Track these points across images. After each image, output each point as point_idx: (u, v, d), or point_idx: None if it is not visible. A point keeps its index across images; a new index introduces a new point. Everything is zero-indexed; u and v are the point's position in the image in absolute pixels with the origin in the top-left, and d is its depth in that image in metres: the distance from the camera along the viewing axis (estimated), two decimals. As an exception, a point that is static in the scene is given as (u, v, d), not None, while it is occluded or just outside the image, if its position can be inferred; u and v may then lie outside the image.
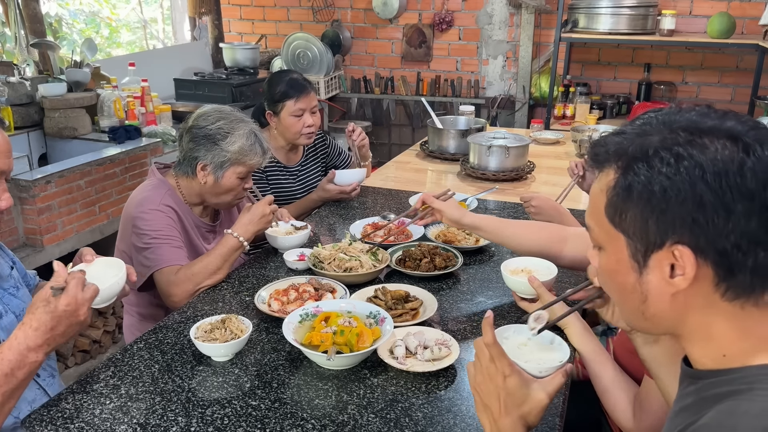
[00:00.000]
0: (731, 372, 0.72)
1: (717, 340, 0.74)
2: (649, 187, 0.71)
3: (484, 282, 1.78)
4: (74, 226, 3.06)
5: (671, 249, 0.71)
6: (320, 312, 1.47)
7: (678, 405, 0.78)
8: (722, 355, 0.74)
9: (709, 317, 0.73)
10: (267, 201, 1.87)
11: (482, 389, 0.97)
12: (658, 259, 0.73)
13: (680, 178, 0.69)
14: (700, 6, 4.31)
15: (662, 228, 0.71)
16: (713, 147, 0.69)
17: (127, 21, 6.20)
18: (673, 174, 0.69)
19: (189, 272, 1.71)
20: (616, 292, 0.82)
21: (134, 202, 1.82)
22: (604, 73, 4.70)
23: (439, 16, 4.89)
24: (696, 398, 0.74)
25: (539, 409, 0.95)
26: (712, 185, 0.68)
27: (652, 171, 0.70)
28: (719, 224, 0.68)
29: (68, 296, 1.16)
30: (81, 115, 3.53)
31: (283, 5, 5.30)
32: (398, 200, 2.46)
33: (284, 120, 2.38)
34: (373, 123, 5.27)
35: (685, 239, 0.70)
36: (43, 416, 1.21)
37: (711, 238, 0.69)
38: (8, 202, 1.30)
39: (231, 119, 1.85)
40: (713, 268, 0.70)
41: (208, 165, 1.82)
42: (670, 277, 0.72)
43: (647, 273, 0.74)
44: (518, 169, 2.79)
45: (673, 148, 0.70)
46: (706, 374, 0.75)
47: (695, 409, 0.72)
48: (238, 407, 1.24)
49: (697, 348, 0.76)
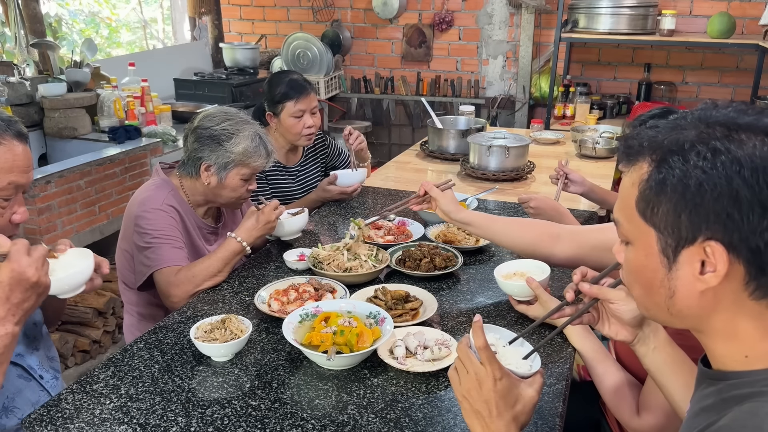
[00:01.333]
0: (753, 374, 0.71)
1: (741, 339, 0.73)
2: (684, 181, 0.69)
3: (484, 282, 1.78)
4: (74, 226, 3.06)
5: (703, 245, 0.70)
6: (320, 312, 1.47)
7: (697, 405, 0.77)
8: (744, 356, 0.73)
9: (735, 316, 0.72)
10: (273, 206, 1.86)
11: (471, 395, 0.97)
12: (689, 254, 0.72)
13: (717, 172, 0.68)
14: (700, 6, 4.31)
15: (695, 223, 0.70)
16: (751, 143, 0.68)
17: (127, 21, 6.21)
18: (709, 168, 0.68)
19: (189, 273, 1.71)
20: (642, 288, 0.80)
21: (137, 201, 1.82)
22: (604, 73, 4.71)
23: (439, 16, 4.89)
24: (716, 399, 0.73)
25: (530, 407, 0.97)
26: (749, 181, 0.67)
27: (687, 165, 0.69)
28: (754, 221, 0.67)
29: (11, 261, 1.12)
30: (81, 115, 3.53)
31: (283, 5, 5.30)
32: (398, 200, 2.45)
33: (284, 121, 2.38)
34: (373, 123, 5.27)
35: (719, 235, 0.69)
36: (43, 416, 1.21)
37: (745, 235, 0.68)
38: (23, 216, 1.31)
39: (236, 120, 1.85)
40: (745, 265, 0.69)
41: (212, 166, 1.82)
42: (701, 274, 0.71)
43: (677, 269, 0.73)
44: (518, 169, 2.79)
45: (710, 143, 0.69)
46: (727, 375, 0.74)
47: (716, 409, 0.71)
48: (238, 407, 1.24)
49: (719, 346, 0.75)
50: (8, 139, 1.24)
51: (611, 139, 3.25)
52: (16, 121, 1.28)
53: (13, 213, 1.29)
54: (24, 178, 1.28)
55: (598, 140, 3.21)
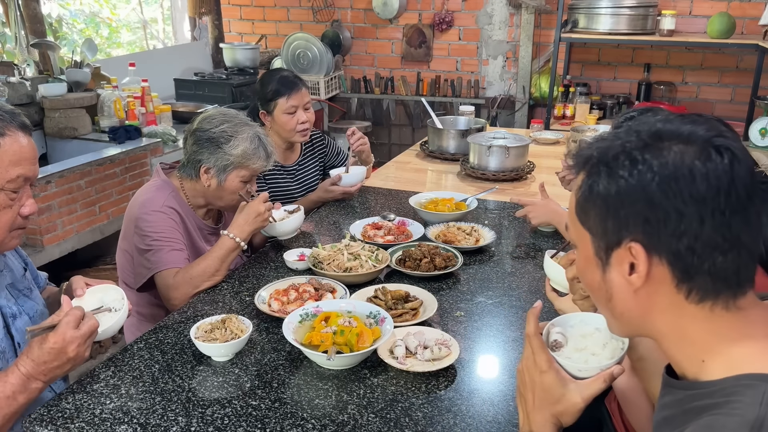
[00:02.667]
0: (710, 385, 0.72)
1: (692, 342, 0.75)
2: (608, 189, 0.74)
3: (484, 282, 1.78)
4: (74, 226, 3.06)
5: (628, 246, 0.74)
6: (320, 312, 1.47)
7: (660, 414, 0.79)
8: (701, 360, 0.74)
9: (679, 319, 0.75)
10: (261, 199, 1.84)
11: (523, 379, 0.97)
12: (618, 256, 0.76)
13: (633, 180, 0.72)
14: (700, 6, 4.31)
15: (618, 227, 0.74)
16: (668, 152, 0.72)
17: (127, 21, 6.20)
18: (627, 176, 0.73)
19: (187, 275, 1.71)
20: (589, 290, 0.85)
21: (137, 203, 1.82)
22: (604, 73, 4.70)
23: (439, 16, 4.89)
24: (677, 410, 0.75)
25: (573, 412, 0.92)
26: (663, 187, 0.70)
27: (611, 173, 0.74)
28: (671, 226, 0.70)
29: (56, 335, 1.20)
30: (81, 115, 3.54)
31: (283, 5, 5.30)
32: (398, 200, 2.46)
33: (278, 118, 2.38)
34: (373, 123, 5.27)
35: (639, 237, 0.73)
36: (43, 416, 1.21)
37: (664, 238, 0.71)
38: (32, 208, 1.31)
39: (235, 122, 1.85)
40: (669, 268, 0.72)
41: (212, 168, 1.82)
42: (629, 275, 0.75)
43: (610, 270, 0.78)
44: (518, 169, 2.79)
45: (632, 153, 0.73)
46: (686, 386, 0.75)
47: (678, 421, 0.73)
48: (238, 407, 1.24)
49: (674, 350, 0.77)
50: (13, 131, 1.24)
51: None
52: (19, 113, 1.28)
53: (21, 206, 1.29)
54: (31, 170, 1.28)
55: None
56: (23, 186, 1.28)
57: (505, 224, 2.23)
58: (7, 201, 1.25)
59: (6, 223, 1.27)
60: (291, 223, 1.96)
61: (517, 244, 2.07)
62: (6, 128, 1.23)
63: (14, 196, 1.26)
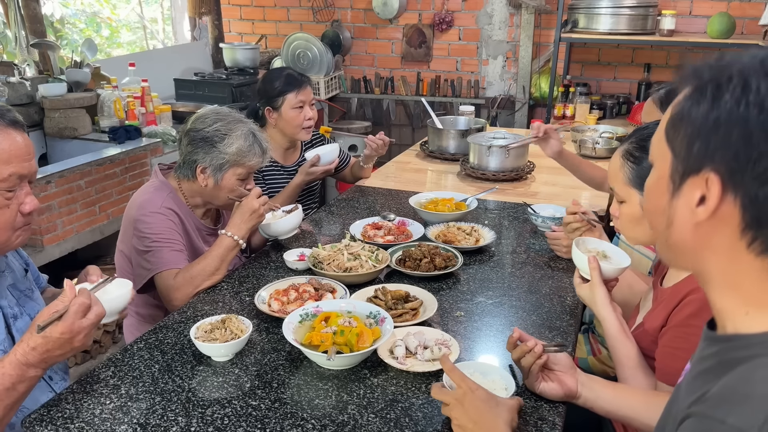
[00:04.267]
0: (751, 337, 0.70)
1: (740, 292, 0.72)
2: (707, 111, 0.68)
3: (484, 282, 1.78)
4: (74, 226, 3.06)
5: (705, 176, 0.69)
6: (320, 312, 1.47)
7: (697, 368, 0.76)
8: (745, 312, 0.71)
9: (732, 265, 0.71)
10: (255, 194, 1.82)
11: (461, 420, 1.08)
12: (691, 184, 0.71)
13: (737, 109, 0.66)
14: (700, 6, 4.31)
15: (704, 153, 0.69)
16: None
17: (127, 21, 6.21)
18: (733, 103, 0.66)
19: (187, 275, 1.71)
20: (648, 214, 0.81)
21: (136, 204, 1.82)
22: (604, 73, 4.70)
23: (439, 16, 4.89)
24: (714, 362, 0.73)
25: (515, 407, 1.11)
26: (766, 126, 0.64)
27: (717, 96, 0.68)
28: (759, 168, 0.65)
29: (65, 324, 1.16)
30: (81, 115, 3.54)
31: (283, 5, 5.30)
32: (398, 200, 2.46)
33: (285, 114, 2.39)
34: (373, 123, 5.26)
35: (721, 170, 0.67)
36: (43, 416, 1.21)
37: (747, 179, 0.66)
38: (33, 205, 1.29)
39: (228, 120, 1.85)
40: (741, 211, 0.68)
41: (207, 168, 1.81)
42: (696, 206, 0.71)
43: (678, 197, 0.73)
44: (518, 169, 2.79)
45: (748, 79, 0.66)
46: (725, 338, 0.73)
47: (714, 373, 0.71)
48: (238, 407, 1.24)
49: (718, 296, 0.74)
50: (2, 128, 1.21)
51: (611, 139, 3.25)
52: (9, 110, 1.26)
53: (21, 204, 1.27)
54: (25, 168, 1.25)
55: (598, 140, 3.21)
56: (19, 184, 1.26)
57: (505, 224, 2.23)
58: (3, 200, 1.24)
59: (5, 223, 1.26)
60: (289, 222, 1.96)
61: (517, 244, 2.07)
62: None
63: (10, 195, 1.25)
